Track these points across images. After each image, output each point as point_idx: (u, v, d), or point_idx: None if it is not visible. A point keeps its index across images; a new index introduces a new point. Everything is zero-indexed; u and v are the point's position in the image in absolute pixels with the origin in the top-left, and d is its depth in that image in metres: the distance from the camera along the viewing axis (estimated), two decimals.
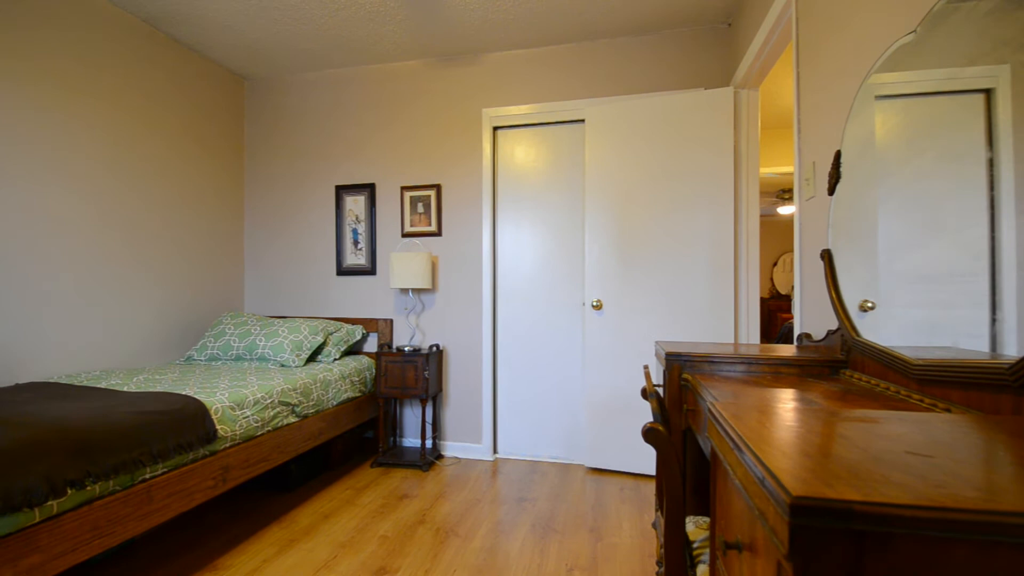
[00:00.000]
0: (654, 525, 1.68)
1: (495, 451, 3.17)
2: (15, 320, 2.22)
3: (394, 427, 3.29)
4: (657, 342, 1.54)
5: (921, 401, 0.92)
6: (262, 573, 1.83)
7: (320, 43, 3.06)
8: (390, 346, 3.24)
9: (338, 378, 2.74)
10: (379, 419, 3.08)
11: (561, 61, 3.05)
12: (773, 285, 7.51)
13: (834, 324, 1.40)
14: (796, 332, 1.74)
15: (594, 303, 2.82)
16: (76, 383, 2.14)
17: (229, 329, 2.97)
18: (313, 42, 3.05)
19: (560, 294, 3.08)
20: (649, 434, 0.89)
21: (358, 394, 2.92)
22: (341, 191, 3.40)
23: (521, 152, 3.15)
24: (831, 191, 1.37)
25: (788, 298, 7.31)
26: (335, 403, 2.68)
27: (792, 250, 7.30)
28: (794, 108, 1.80)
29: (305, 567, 1.87)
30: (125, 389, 2.03)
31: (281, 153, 3.54)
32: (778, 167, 4.34)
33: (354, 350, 3.33)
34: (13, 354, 2.21)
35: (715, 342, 1.82)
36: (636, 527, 2.20)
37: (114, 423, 1.55)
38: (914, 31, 1.01)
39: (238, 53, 3.19)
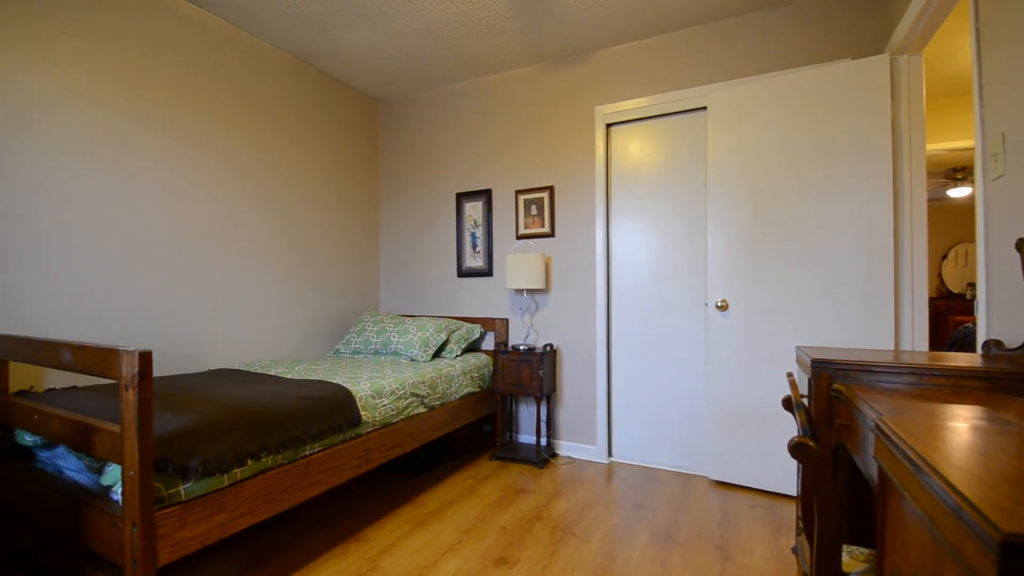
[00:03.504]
0: (795, 551, 1.53)
1: (610, 454, 3.12)
2: (206, 317, 2.71)
3: (510, 423, 3.39)
4: (799, 347, 1.39)
5: None
6: (398, 548, 2.01)
7: (442, 62, 3.27)
8: (506, 344, 3.34)
9: (460, 373, 2.90)
10: (496, 414, 3.20)
11: (677, 49, 2.90)
12: (942, 282, 6.34)
13: None
14: (981, 338, 1.46)
15: (719, 303, 2.63)
16: (251, 370, 2.54)
17: (368, 326, 3.31)
18: (436, 63, 3.27)
19: (679, 294, 2.93)
20: (798, 449, 0.81)
21: (477, 389, 3.07)
22: (461, 197, 3.59)
23: (636, 147, 3.06)
24: None
25: (962, 297, 6.11)
26: (457, 397, 2.84)
27: (967, 240, 6.13)
28: (973, 72, 1.51)
29: (433, 548, 2.02)
30: (289, 377, 2.36)
31: (409, 166, 3.85)
32: (949, 142, 3.67)
33: (473, 347, 3.50)
34: (204, 345, 2.70)
35: (870, 348, 1.60)
36: (771, 550, 2.02)
37: (283, 405, 1.82)
38: None
39: (373, 79, 3.54)
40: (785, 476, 2.50)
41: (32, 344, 1.65)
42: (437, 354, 3.16)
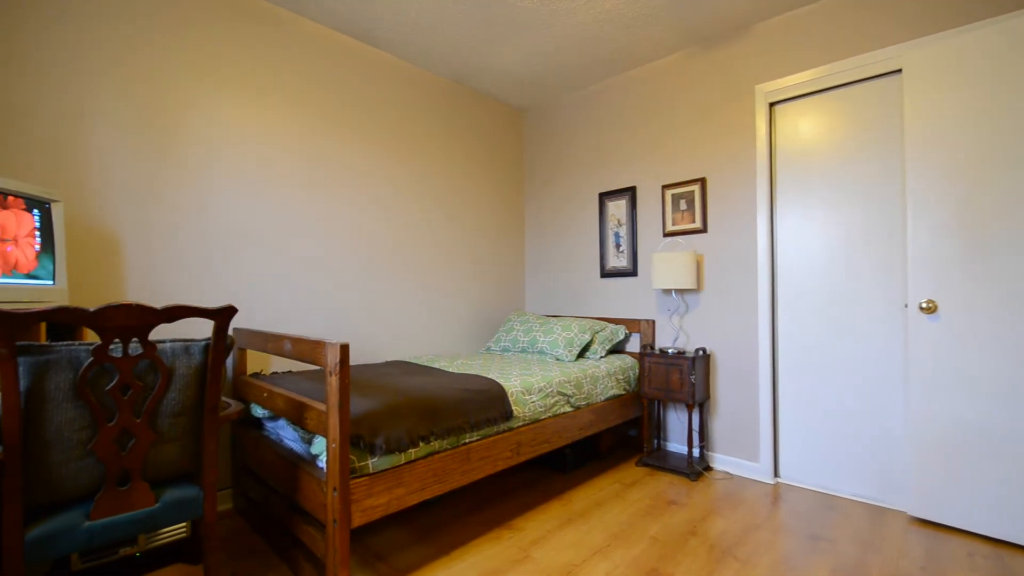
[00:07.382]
0: None
1: (776, 474, 2.79)
2: (383, 316, 3.10)
3: (658, 429, 3.25)
4: None
5: None
6: (548, 541, 2.07)
7: (585, 63, 3.27)
8: (652, 347, 3.21)
9: (605, 375, 2.87)
10: (643, 419, 3.09)
11: (857, 5, 2.48)
12: None
13: None
14: None
15: (924, 304, 2.19)
16: (419, 363, 2.83)
17: (516, 326, 3.46)
18: (578, 65, 3.29)
19: (864, 292, 2.50)
20: None
21: (622, 392, 3.00)
22: (604, 197, 3.56)
23: (806, 126, 2.70)
24: None
25: None
26: (602, 398, 2.81)
27: None
28: None
29: (583, 547, 2.03)
30: (450, 370, 2.59)
31: (551, 169, 3.94)
32: None
33: (617, 349, 3.43)
34: (381, 340, 3.09)
35: None
36: None
37: (447, 396, 1.99)
38: None
39: (518, 90, 3.70)
40: (1019, 521, 1.98)
41: (263, 336, 2.06)
42: (581, 354, 3.16)
